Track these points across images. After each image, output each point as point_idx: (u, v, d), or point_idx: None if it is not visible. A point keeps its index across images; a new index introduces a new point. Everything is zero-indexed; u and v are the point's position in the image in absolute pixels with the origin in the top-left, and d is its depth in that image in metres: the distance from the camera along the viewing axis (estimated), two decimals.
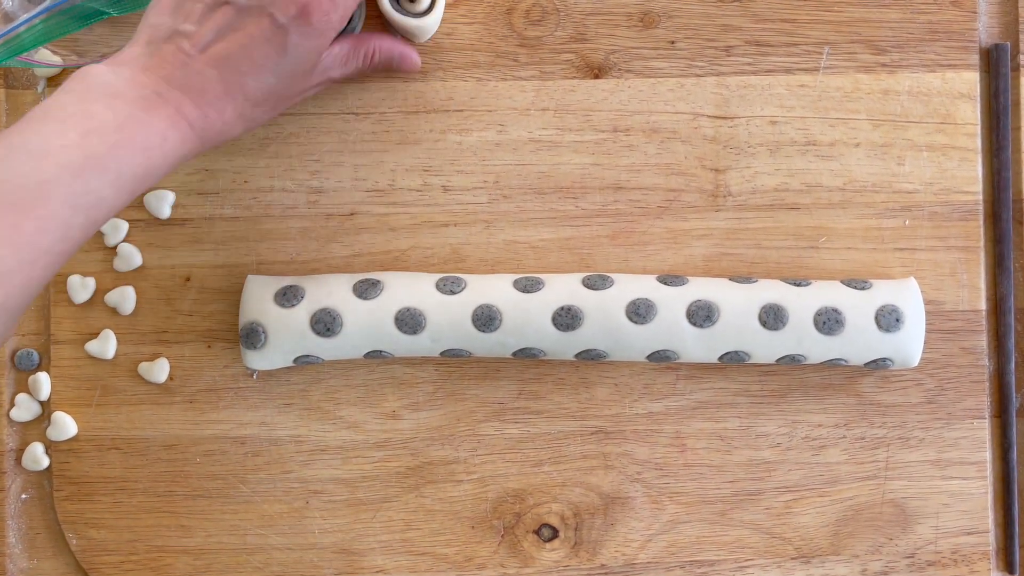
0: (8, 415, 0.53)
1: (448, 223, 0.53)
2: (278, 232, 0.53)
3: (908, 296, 0.50)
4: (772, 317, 0.49)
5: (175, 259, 0.53)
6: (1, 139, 0.40)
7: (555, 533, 0.53)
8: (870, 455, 0.53)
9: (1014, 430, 0.53)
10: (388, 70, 0.51)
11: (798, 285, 0.51)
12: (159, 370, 0.53)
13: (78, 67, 0.52)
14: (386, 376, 0.53)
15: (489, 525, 0.53)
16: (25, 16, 0.51)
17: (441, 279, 0.50)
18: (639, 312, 0.49)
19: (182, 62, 0.44)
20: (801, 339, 0.50)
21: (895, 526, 0.53)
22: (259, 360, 0.50)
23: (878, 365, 0.51)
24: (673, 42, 0.54)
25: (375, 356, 0.51)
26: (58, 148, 0.40)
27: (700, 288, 0.50)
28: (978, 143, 0.54)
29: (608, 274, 0.51)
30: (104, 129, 0.41)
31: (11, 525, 0.53)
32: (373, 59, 0.50)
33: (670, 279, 0.51)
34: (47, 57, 0.52)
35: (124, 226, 0.53)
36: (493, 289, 0.50)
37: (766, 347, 0.50)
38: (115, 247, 0.53)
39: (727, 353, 0.50)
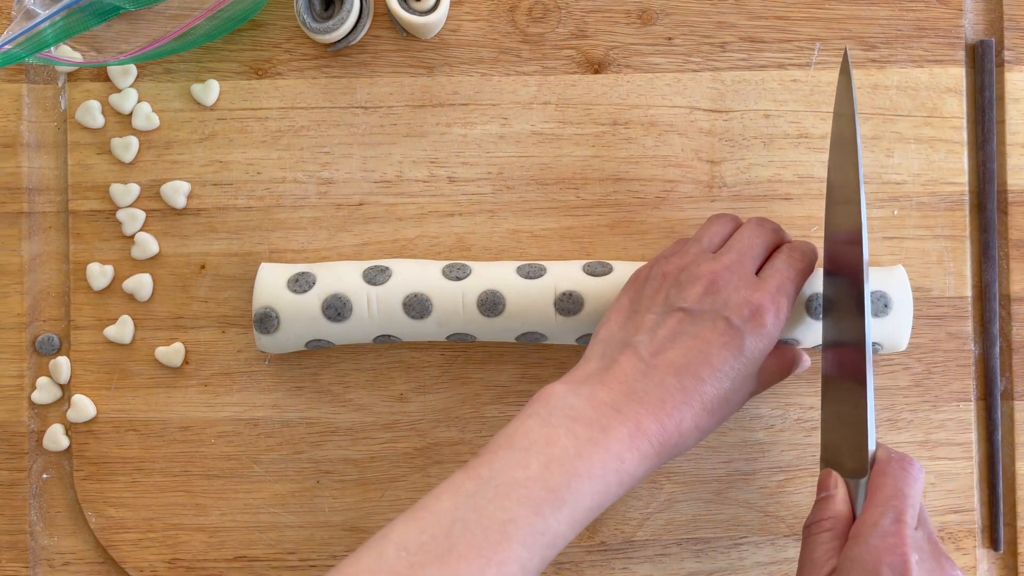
0: (30, 398, 0.54)
1: (454, 213, 0.55)
2: (290, 221, 0.54)
3: (896, 283, 0.51)
4: None
5: (191, 247, 0.54)
6: (470, 469, 0.41)
7: None
8: None
9: (999, 412, 0.55)
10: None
11: None
12: (175, 354, 0.54)
13: (97, 64, 0.54)
14: (394, 360, 0.54)
15: None
16: (46, 13, 0.52)
17: (447, 266, 0.52)
18: None
19: (641, 372, 0.43)
20: (793, 324, 0.51)
21: None
22: (272, 344, 0.51)
23: None
24: (670, 38, 0.55)
25: (384, 341, 0.52)
26: (521, 481, 0.40)
27: None
28: (964, 136, 0.55)
29: (608, 261, 0.52)
30: (564, 457, 0.41)
31: (33, 504, 0.54)
32: (789, 373, 0.50)
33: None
34: (67, 53, 0.54)
35: (141, 216, 0.54)
36: (497, 275, 0.51)
37: None
38: (132, 236, 0.54)
39: None
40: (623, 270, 0.51)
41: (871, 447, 0.45)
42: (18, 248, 0.54)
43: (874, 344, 0.51)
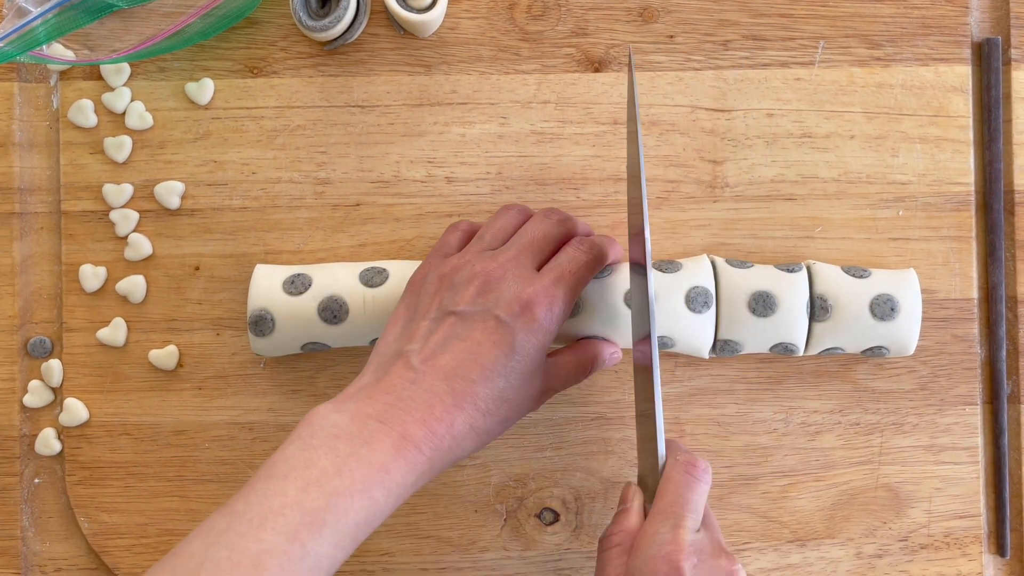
0: (21, 401, 0.54)
1: (452, 213, 0.54)
2: (286, 222, 0.54)
3: (906, 286, 0.51)
4: (762, 305, 0.50)
5: (185, 249, 0.54)
6: (226, 507, 0.40)
7: (556, 517, 0.54)
8: (864, 441, 0.54)
9: (1005, 416, 0.54)
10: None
11: (791, 271, 0.51)
12: (169, 357, 0.54)
13: (90, 63, 0.53)
14: None
15: (492, 509, 0.54)
16: (38, 11, 0.52)
17: None
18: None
19: (410, 380, 0.43)
20: (794, 327, 0.50)
21: (889, 510, 0.54)
22: (267, 347, 0.51)
23: (874, 353, 0.52)
24: (672, 36, 0.54)
25: None
26: (277, 510, 0.39)
27: (695, 275, 0.50)
28: (970, 135, 0.54)
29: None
30: (323, 478, 0.40)
31: (24, 509, 0.54)
32: (592, 369, 0.49)
33: (666, 265, 0.51)
34: (59, 52, 0.53)
35: (135, 216, 0.54)
36: None
37: (760, 335, 0.50)
38: (126, 237, 0.54)
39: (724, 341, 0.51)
40: (623, 270, 0.51)
41: (661, 453, 0.45)
42: (9, 249, 0.54)
43: (881, 348, 0.51)
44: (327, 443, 0.41)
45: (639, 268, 0.47)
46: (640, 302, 0.46)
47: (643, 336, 0.46)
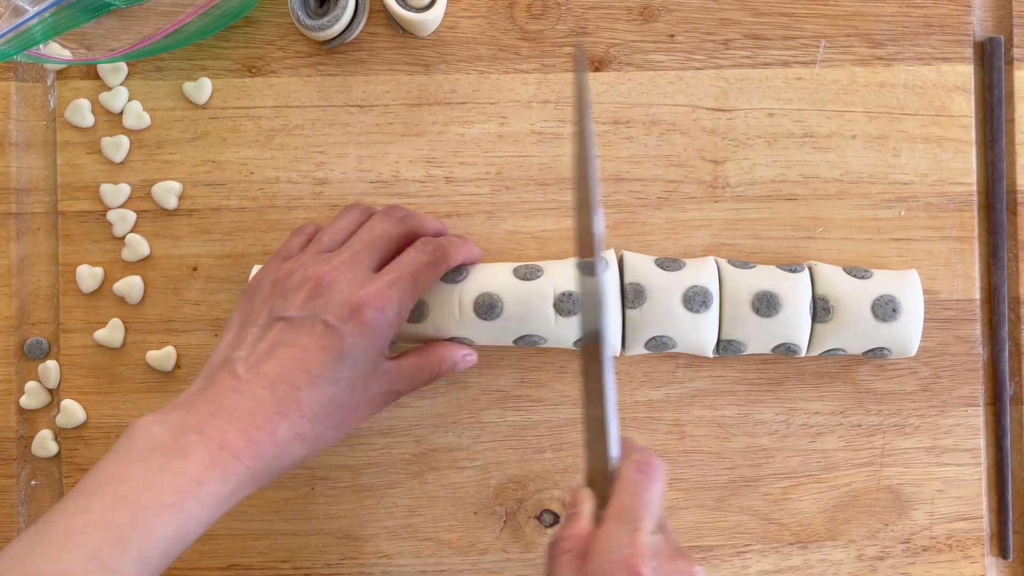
0: (18, 403, 0.54)
1: (451, 214, 0.54)
2: (284, 223, 0.54)
3: (908, 287, 0.50)
4: (766, 305, 0.49)
5: (182, 249, 0.54)
6: (34, 526, 0.39)
7: (556, 519, 0.54)
8: (866, 442, 0.54)
9: (1008, 417, 0.54)
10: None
11: (793, 272, 0.51)
12: (166, 358, 0.53)
13: (87, 62, 0.53)
14: None
15: (491, 511, 0.54)
16: (35, 10, 0.51)
17: None
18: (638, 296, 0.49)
19: (232, 388, 0.43)
20: (797, 328, 0.50)
21: (891, 512, 0.54)
22: None
23: (876, 354, 0.51)
24: (672, 36, 0.54)
25: None
26: (80, 528, 0.38)
27: (696, 274, 0.50)
28: (972, 135, 0.54)
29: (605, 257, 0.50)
30: (131, 493, 0.39)
31: (21, 511, 0.54)
32: (439, 371, 0.49)
33: (668, 263, 0.50)
34: (56, 51, 0.53)
35: (132, 217, 0.53)
36: (494, 277, 0.50)
37: (763, 335, 0.50)
38: (123, 237, 0.53)
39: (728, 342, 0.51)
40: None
41: (613, 453, 0.42)
42: (6, 250, 0.53)
43: (882, 349, 0.51)
44: (141, 456, 0.40)
45: (587, 266, 0.44)
46: (589, 301, 0.44)
47: (589, 335, 0.43)
